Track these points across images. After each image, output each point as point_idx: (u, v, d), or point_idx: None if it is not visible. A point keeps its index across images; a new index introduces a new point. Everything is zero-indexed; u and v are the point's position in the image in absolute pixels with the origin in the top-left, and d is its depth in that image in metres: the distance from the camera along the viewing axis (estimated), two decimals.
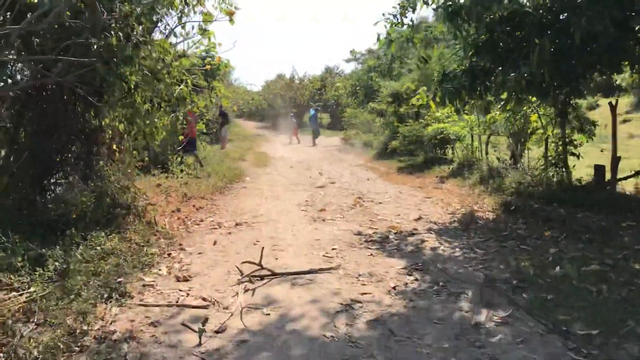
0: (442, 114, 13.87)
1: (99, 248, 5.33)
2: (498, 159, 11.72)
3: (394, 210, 8.65)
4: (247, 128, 36.80)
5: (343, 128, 24.48)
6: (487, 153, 12.76)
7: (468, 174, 12.01)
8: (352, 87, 27.16)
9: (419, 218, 7.92)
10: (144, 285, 4.86)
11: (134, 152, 7.83)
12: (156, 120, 7.68)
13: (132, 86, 6.76)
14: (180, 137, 11.49)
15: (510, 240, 6.41)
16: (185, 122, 12.34)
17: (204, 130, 17.85)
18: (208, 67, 10.76)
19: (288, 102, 39.11)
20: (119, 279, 4.80)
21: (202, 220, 7.63)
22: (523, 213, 7.68)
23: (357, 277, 5.16)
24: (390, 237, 6.79)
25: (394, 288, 4.86)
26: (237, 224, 7.35)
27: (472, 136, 13.49)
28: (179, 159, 11.98)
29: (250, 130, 35.48)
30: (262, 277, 5.13)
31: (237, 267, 5.35)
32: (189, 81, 9.12)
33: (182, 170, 11.48)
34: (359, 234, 6.94)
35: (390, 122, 20.14)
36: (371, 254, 6.00)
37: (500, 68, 7.86)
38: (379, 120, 21.50)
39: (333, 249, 6.18)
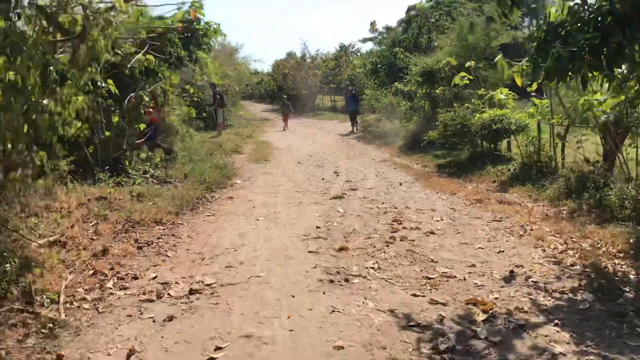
0: (508, 97, 10.43)
1: None
2: (587, 160, 8.35)
3: (459, 250, 5.36)
4: (253, 111, 33.54)
5: (359, 112, 21.16)
6: (563, 151, 9.37)
7: (538, 179, 8.70)
8: (373, 65, 23.61)
9: (511, 276, 4.61)
10: None
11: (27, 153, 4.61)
12: (55, 100, 4.41)
13: None
14: (142, 127, 8.26)
15: None
16: (151, 104, 9.15)
17: (193, 115, 14.66)
18: (179, 25, 7.44)
19: (299, 83, 35.68)
20: None
21: (136, 278, 4.38)
22: None
23: None
24: (480, 332, 3.51)
25: None
26: (191, 292, 4.08)
27: (539, 127, 10.08)
28: (142, 155, 8.76)
29: (257, 113, 32.20)
30: None
31: None
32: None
33: (144, 173, 8.26)
34: (415, 324, 3.63)
35: (420, 106, 16.74)
36: None
37: None
38: (405, 103, 18.07)
39: None
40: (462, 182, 9.59)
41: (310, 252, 5.13)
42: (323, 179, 10.00)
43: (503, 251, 5.32)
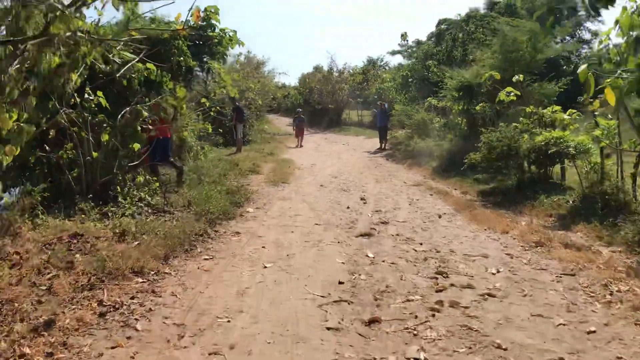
0: (569, 118, 8.93)
1: None
2: None
3: (533, 327, 3.92)
4: (279, 125, 32.44)
5: (388, 128, 19.81)
6: (634, 181, 7.82)
7: (605, 216, 7.20)
8: (403, 79, 22.22)
9: None
10: None
11: None
12: None
13: None
14: (136, 147, 7.09)
15: None
16: (157, 118, 8.02)
17: (209, 131, 13.57)
18: (181, 29, 6.26)
19: (325, 97, 34.50)
20: None
21: None
22: None
23: None
24: None
25: None
26: None
27: (601, 152, 8.54)
28: (140, 178, 7.58)
29: (282, 127, 31.09)
30: None
31: None
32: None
33: (140, 200, 7.06)
34: None
35: (456, 123, 15.28)
36: None
37: None
38: (438, 120, 16.63)
39: None
40: (512, 215, 8.11)
41: (329, 328, 3.76)
42: (348, 207, 8.64)
43: (595, 331, 3.86)
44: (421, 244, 6.46)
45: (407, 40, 22.42)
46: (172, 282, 4.68)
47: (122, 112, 7.02)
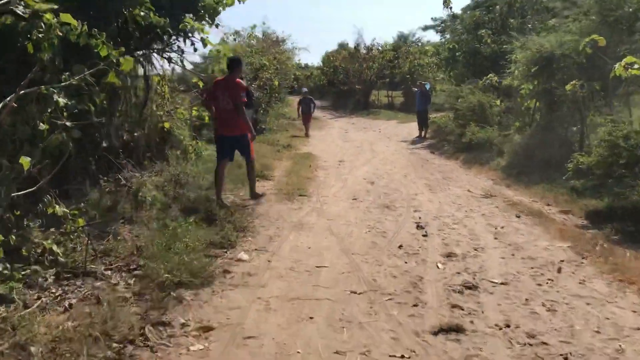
0: None
1: None
2: None
3: None
4: None
5: (427, 113, 16.45)
6: None
7: None
8: (450, 53, 18.62)
9: None
10: None
11: None
12: None
13: None
14: (25, 164, 3.99)
15: None
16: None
17: (207, 121, 10.50)
18: None
19: (352, 77, 31.02)
20: None
21: None
22: None
23: None
24: None
25: None
26: None
27: None
28: (59, 210, 4.53)
29: None
30: None
31: None
32: None
33: (41, 255, 4.01)
34: None
35: (527, 108, 11.82)
36: None
37: None
38: (497, 104, 13.16)
39: None
40: None
41: None
42: (400, 246, 5.44)
43: None
44: (561, 355, 3.26)
45: (451, 8, 18.67)
46: None
47: (9, 98, 3.91)
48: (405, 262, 4.94)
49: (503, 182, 9.16)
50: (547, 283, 4.46)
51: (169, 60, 7.96)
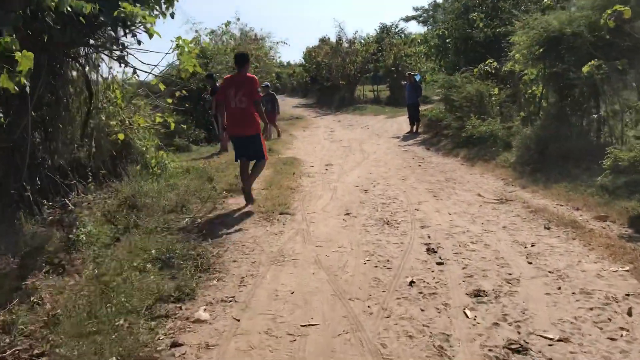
0: None
1: None
2: None
3: None
4: (284, 108, 27.87)
5: (418, 106, 15.22)
6: None
7: None
8: (440, 40, 17.37)
9: None
10: None
11: None
12: None
13: None
14: None
15: None
16: None
17: (172, 127, 9.14)
18: None
19: (335, 73, 29.71)
20: None
21: None
22: None
23: None
24: None
25: None
26: None
27: None
28: None
29: (287, 110, 26.59)
30: None
31: None
32: None
33: None
34: None
35: (531, 95, 10.63)
36: None
37: None
38: (498, 92, 11.95)
39: None
40: None
41: None
42: (412, 282, 4.18)
43: None
44: None
45: None
46: None
47: None
48: (422, 310, 3.68)
49: (516, 182, 7.94)
50: (621, 336, 3.23)
51: (120, 60, 6.67)
